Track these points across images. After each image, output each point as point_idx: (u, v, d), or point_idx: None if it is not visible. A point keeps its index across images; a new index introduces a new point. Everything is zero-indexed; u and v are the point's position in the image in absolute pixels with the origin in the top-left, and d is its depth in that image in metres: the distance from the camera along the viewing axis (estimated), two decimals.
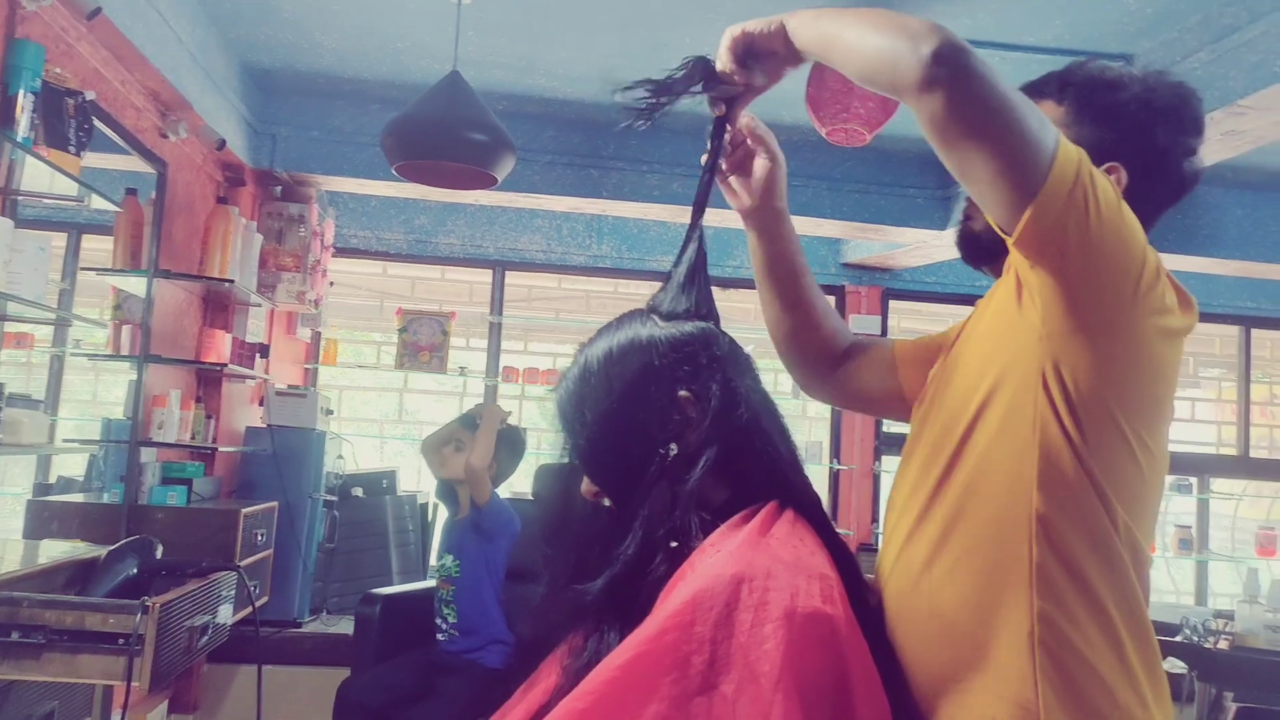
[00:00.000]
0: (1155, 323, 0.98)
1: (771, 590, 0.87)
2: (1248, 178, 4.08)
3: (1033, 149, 0.93)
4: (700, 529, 0.99)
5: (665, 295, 1.11)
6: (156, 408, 3.15)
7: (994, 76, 0.93)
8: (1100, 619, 0.96)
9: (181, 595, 1.97)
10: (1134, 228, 0.98)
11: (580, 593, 1.03)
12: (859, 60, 1.01)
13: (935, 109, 0.93)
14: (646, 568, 1.00)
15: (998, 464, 0.99)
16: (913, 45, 0.93)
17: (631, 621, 0.93)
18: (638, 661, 0.84)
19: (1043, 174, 0.92)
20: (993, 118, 0.92)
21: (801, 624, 0.85)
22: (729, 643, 0.84)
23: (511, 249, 4.76)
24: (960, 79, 0.92)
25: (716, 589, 0.87)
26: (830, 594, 0.90)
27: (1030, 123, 0.93)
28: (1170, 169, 1.13)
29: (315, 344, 4.66)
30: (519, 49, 3.33)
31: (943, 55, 0.92)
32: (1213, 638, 2.80)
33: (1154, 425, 1.01)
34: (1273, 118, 2.75)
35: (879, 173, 4.14)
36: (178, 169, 3.30)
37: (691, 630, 0.85)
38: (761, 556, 0.91)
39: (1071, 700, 0.94)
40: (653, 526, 1.00)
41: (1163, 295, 0.99)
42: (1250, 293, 5.06)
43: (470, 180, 2.98)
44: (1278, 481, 5.45)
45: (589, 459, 1.08)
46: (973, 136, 0.94)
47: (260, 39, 3.37)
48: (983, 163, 0.94)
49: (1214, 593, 5.04)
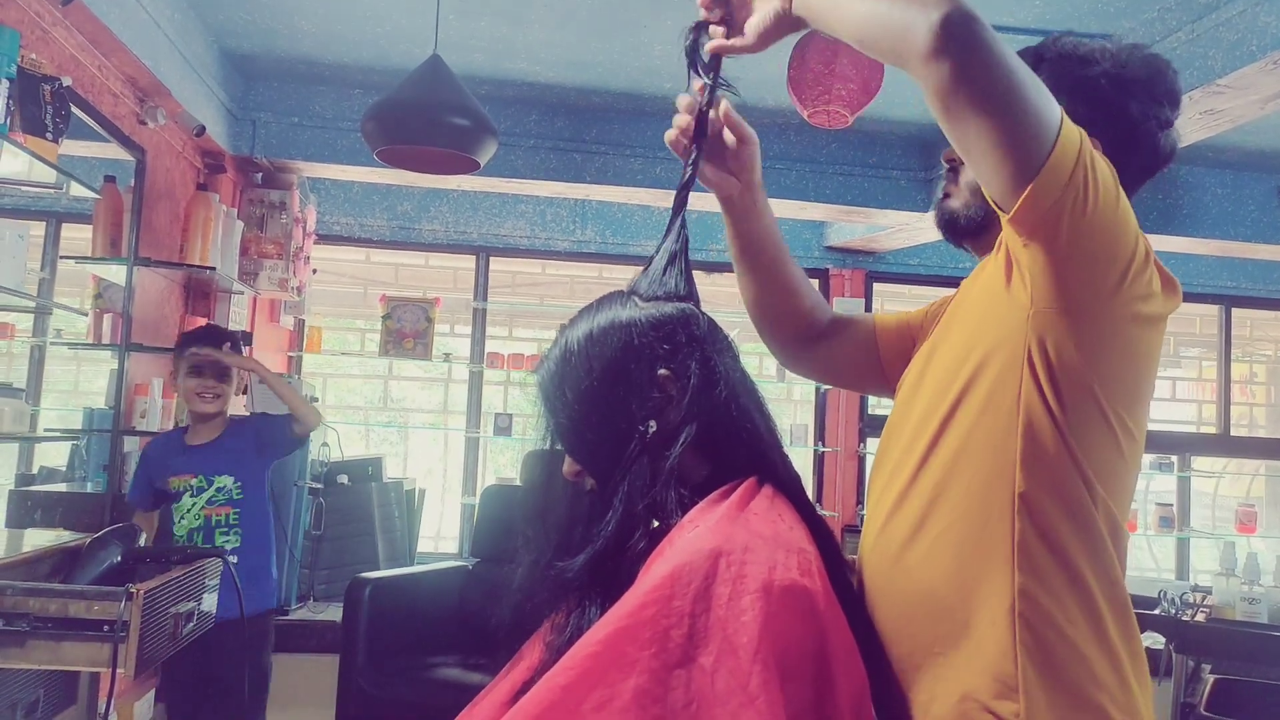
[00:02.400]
0: (1140, 308, 0.99)
1: (749, 564, 0.88)
2: (1227, 157, 4.11)
3: (1037, 127, 0.92)
4: (680, 505, 1.00)
5: (645, 278, 1.12)
6: (139, 396, 3.14)
7: (1003, 49, 0.91)
8: (1080, 594, 0.97)
9: (166, 582, 1.97)
10: (1127, 214, 0.98)
11: (562, 569, 1.04)
12: (859, 23, 0.99)
13: (942, 78, 0.92)
14: (627, 543, 1.01)
15: (982, 440, 1.00)
16: (924, 12, 0.91)
17: (613, 597, 0.94)
18: (618, 636, 0.85)
19: (1045, 154, 0.91)
20: (999, 91, 0.91)
21: (779, 596, 0.86)
22: (707, 616, 0.85)
23: (495, 234, 4.75)
24: (970, 49, 0.90)
25: (695, 563, 0.88)
26: (808, 567, 0.91)
27: (1037, 100, 0.92)
28: (1145, 141, 1.13)
29: (299, 331, 4.64)
30: (500, 33, 3.32)
31: (952, 22, 0.90)
32: (1190, 610, 2.84)
33: (1134, 406, 1.02)
34: (1251, 97, 2.76)
35: (862, 155, 4.15)
36: (157, 155, 3.28)
37: (670, 604, 0.86)
38: (740, 531, 0.92)
39: (1051, 673, 0.95)
40: (633, 502, 1.01)
41: (1149, 281, 0.99)
42: (1230, 272, 5.10)
43: (452, 165, 2.97)
44: (1257, 459, 5.51)
45: (570, 437, 1.09)
46: (977, 109, 0.92)
47: (239, 24, 3.34)
48: (985, 136, 0.93)
49: (1195, 569, 5.09)
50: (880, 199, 4.13)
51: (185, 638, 2.10)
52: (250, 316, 4.05)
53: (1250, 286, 5.15)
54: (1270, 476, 5.62)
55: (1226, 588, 2.84)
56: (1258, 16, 2.53)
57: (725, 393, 1.05)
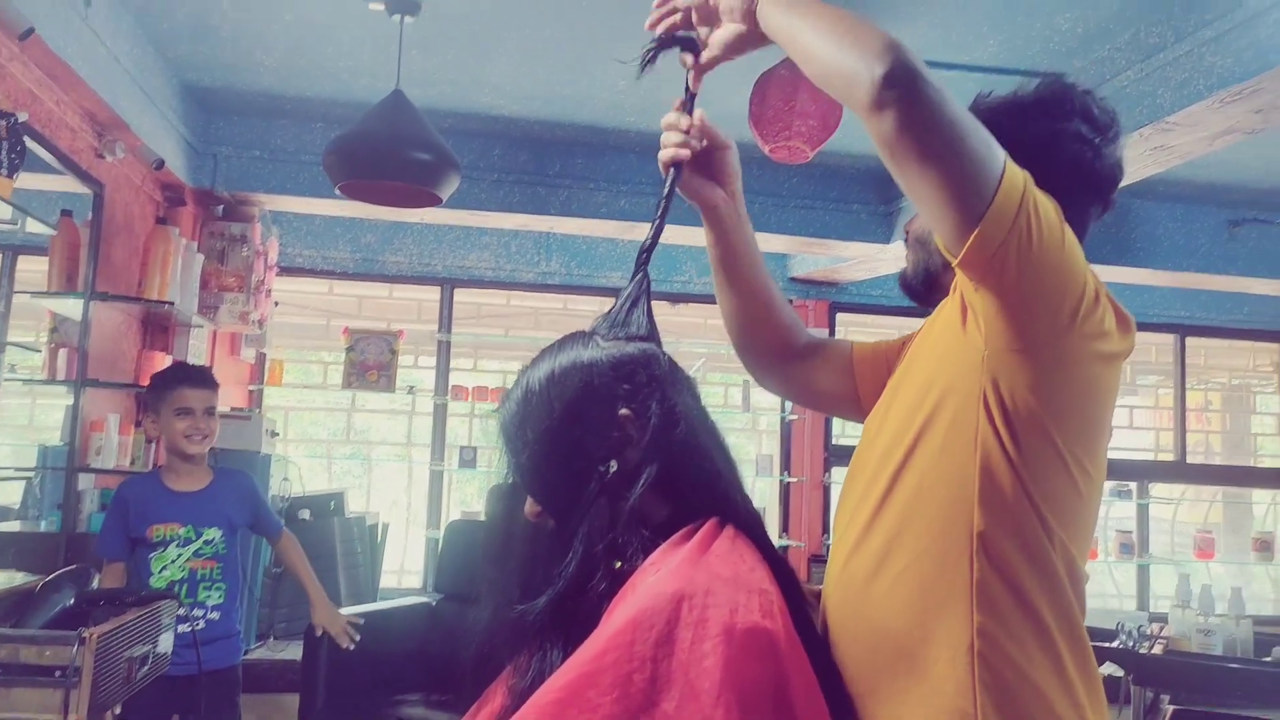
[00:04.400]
0: (1093, 347, 1.00)
1: (711, 607, 0.88)
2: (1179, 191, 4.21)
3: (978, 174, 0.94)
4: (641, 547, 1.00)
5: (607, 319, 1.12)
6: (94, 432, 3.09)
7: (945, 101, 0.93)
8: (1038, 632, 0.98)
9: (120, 625, 1.93)
10: (1074, 252, 0.99)
11: (524, 611, 1.03)
12: (815, 66, 1.01)
13: (885, 130, 0.94)
14: (588, 584, 1.01)
15: (940, 481, 1.01)
16: (867, 65, 0.93)
17: (575, 640, 0.94)
18: (580, 682, 0.85)
19: (987, 200, 0.93)
20: (941, 142, 0.93)
21: (741, 639, 0.86)
22: (669, 661, 0.85)
23: (460, 266, 4.74)
24: (910, 103, 0.93)
25: (657, 607, 0.87)
26: (770, 609, 0.91)
27: (978, 149, 0.94)
28: (1062, 161, 1.13)
29: (260, 365, 4.59)
30: (463, 67, 3.33)
31: (894, 78, 0.92)
32: (1147, 642, 2.87)
33: (1091, 446, 1.03)
34: (1199, 134, 2.83)
35: (824, 189, 4.20)
36: (115, 189, 3.25)
37: (632, 649, 0.85)
38: (701, 574, 0.91)
39: (1010, 712, 0.96)
40: (593, 543, 1.01)
41: (1102, 319, 1.01)
42: (1184, 302, 5.20)
43: (415, 199, 2.97)
44: (1214, 486, 5.59)
45: (531, 477, 1.09)
46: (921, 159, 0.95)
47: (200, 58, 3.33)
48: (930, 185, 0.95)
49: (1155, 595, 5.15)
50: (841, 231, 4.18)
51: (139, 682, 2.05)
52: (210, 350, 4.00)
53: (1204, 316, 5.26)
54: (1227, 503, 5.71)
55: (1182, 619, 2.88)
56: (1204, 57, 2.60)
57: (686, 432, 1.05)
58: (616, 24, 2.88)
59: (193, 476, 2.76)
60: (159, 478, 2.76)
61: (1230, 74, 2.51)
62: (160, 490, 2.72)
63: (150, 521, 2.66)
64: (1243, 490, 5.61)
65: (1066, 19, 2.77)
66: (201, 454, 2.76)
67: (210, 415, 2.75)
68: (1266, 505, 5.61)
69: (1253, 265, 4.39)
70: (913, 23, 2.82)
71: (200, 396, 2.72)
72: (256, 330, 4.09)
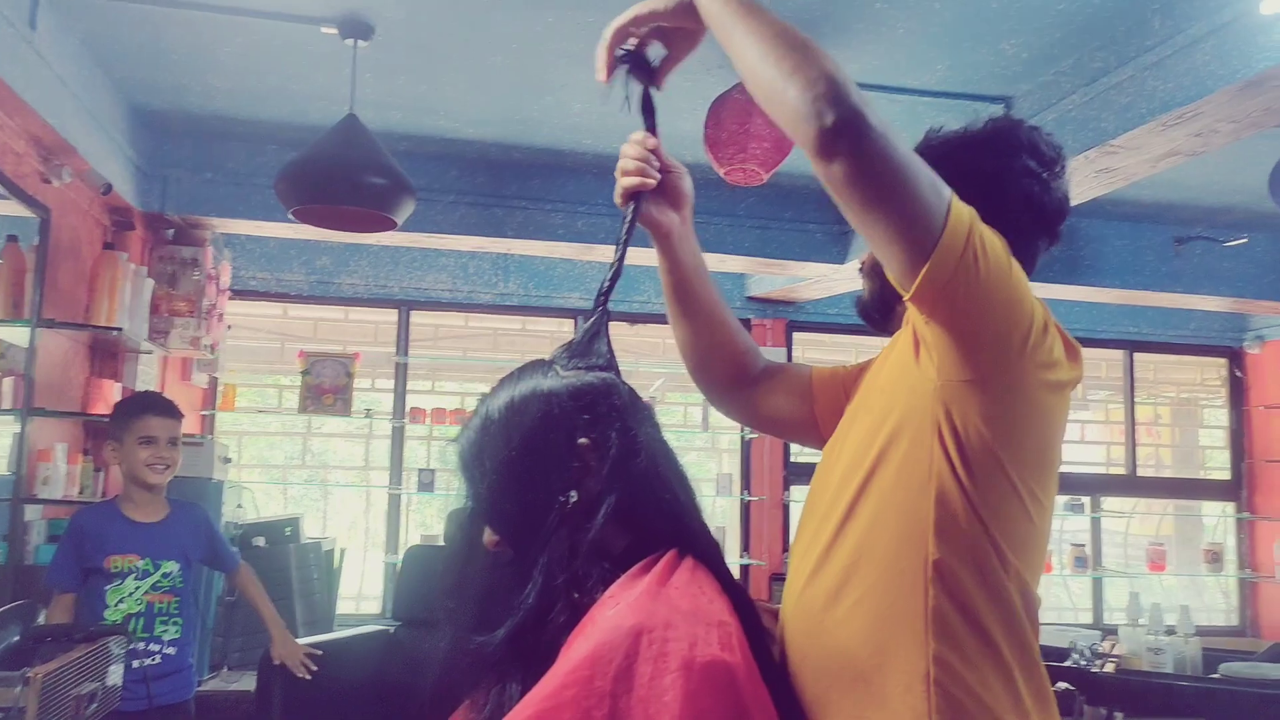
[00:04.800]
0: (1043, 376, 1.02)
1: (670, 641, 0.87)
2: (1125, 210, 4.30)
3: (926, 213, 0.95)
4: (601, 579, 1.00)
5: (566, 349, 1.12)
6: (41, 462, 3.02)
7: (892, 144, 0.94)
8: (993, 659, 1.00)
9: (67, 663, 1.88)
10: (1020, 284, 1.01)
11: (482, 645, 1.02)
12: (754, 86, 1.00)
13: (834, 177, 0.95)
14: (547, 616, 1.00)
15: (895, 512, 1.02)
16: (812, 108, 0.92)
17: (533, 673, 0.93)
18: (539, 718, 0.84)
19: (935, 237, 0.95)
20: (889, 186, 0.94)
21: (700, 673, 0.86)
22: (629, 696, 0.84)
23: (417, 288, 4.71)
24: (859, 154, 0.92)
25: (615, 642, 0.87)
26: (729, 641, 0.91)
27: (924, 187, 0.95)
28: (1012, 196, 1.15)
29: (212, 390, 4.52)
30: (418, 90, 3.32)
31: (842, 127, 0.91)
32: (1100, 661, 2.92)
33: (1042, 475, 1.05)
34: (1142, 156, 2.90)
35: (779, 209, 4.23)
36: (62, 214, 3.19)
37: (591, 685, 0.85)
38: (661, 607, 0.91)
39: None
40: (552, 574, 1.00)
41: (1050, 349, 1.03)
42: (1132, 318, 5.31)
43: (369, 223, 2.95)
44: (1165, 499, 5.69)
45: (490, 508, 1.08)
46: (869, 203, 0.96)
47: (149, 81, 3.29)
48: (878, 226, 0.97)
49: (1109, 607, 5.23)
50: (797, 252, 4.22)
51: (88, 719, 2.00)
52: (160, 376, 3.93)
53: (1151, 332, 5.37)
54: (1178, 515, 5.82)
55: (1133, 636, 2.94)
56: (1145, 81, 2.67)
57: (646, 462, 1.05)
58: (571, 47, 2.89)
59: (151, 507, 2.72)
60: (116, 507, 2.72)
61: (1171, 98, 2.58)
62: (119, 519, 2.68)
63: (108, 552, 2.61)
64: (1193, 502, 5.72)
65: (1012, 44, 2.83)
66: (162, 485, 2.73)
67: (174, 445, 2.73)
68: (1216, 517, 5.73)
69: (1198, 282, 4.50)
70: (862, 47, 2.86)
71: (165, 426, 2.70)
72: (208, 355, 4.03)
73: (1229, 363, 5.54)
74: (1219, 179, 3.86)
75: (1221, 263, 4.50)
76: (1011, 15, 2.65)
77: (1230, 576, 5.35)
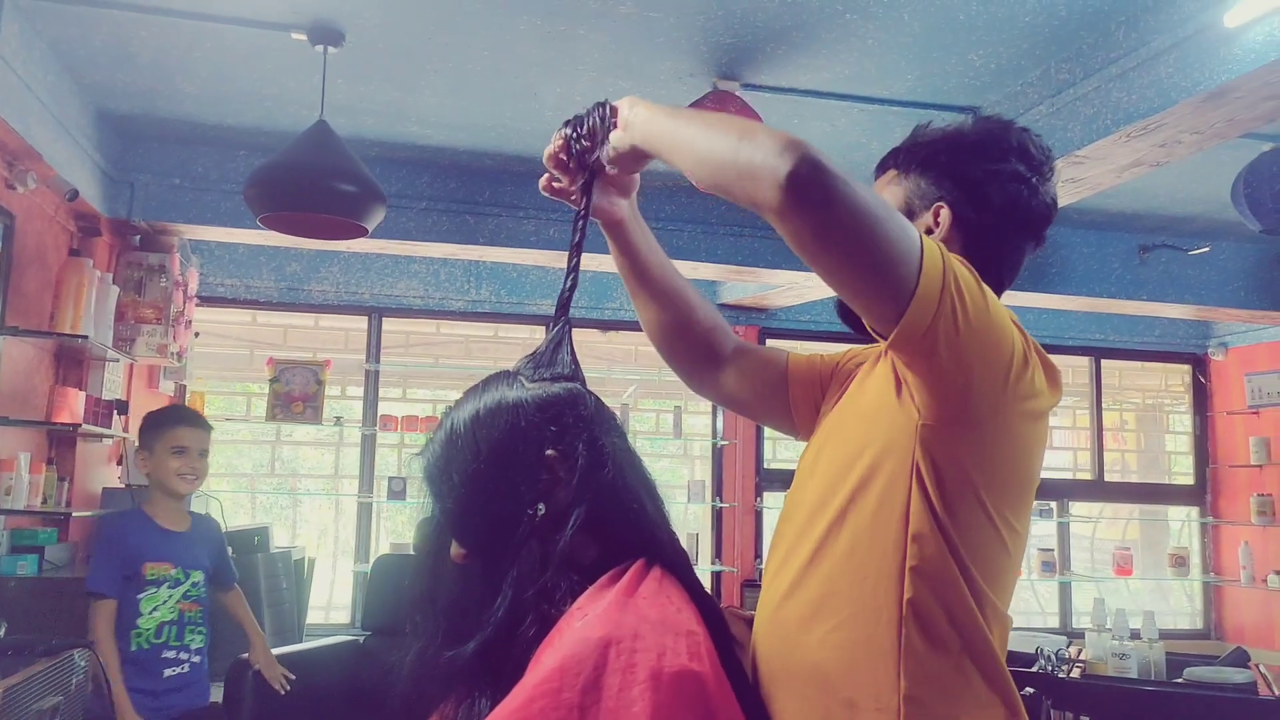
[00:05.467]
0: (1024, 407, 1.02)
1: (639, 652, 0.87)
2: (1091, 219, 4.35)
3: (898, 264, 0.91)
4: (569, 591, 1.00)
5: (531, 360, 1.11)
6: (4, 472, 2.97)
7: (854, 194, 0.90)
8: (966, 688, 1.01)
9: (29, 678, 1.85)
10: (1000, 318, 0.99)
11: (452, 658, 1.01)
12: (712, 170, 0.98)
13: (794, 234, 0.91)
14: (517, 629, 1.00)
15: (871, 548, 1.02)
16: (766, 160, 0.89)
17: (502, 687, 0.93)
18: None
19: (910, 287, 0.92)
20: (855, 237, 0.90)
21: (668, 684, 0.86)
22: (597, 708, 0.84)
23: (388, 295, 4.69)
24: (820, 205, 0.88)
25: (584, 654, 0.87)
26: (697, 650, 0.91)
27: (893, 237, 0.91)
28: (997, 197, 1.15)
29: (180, 397, 4.46)
30: (389, 97, 3.31)
31: (800, 178, 0.88)
32: (1066, 667, 2.95)
33: (1018, 504, 1.05)
34: (1107, 166, 2.94)
35: (751, 217, 4.19)
36: (26, 220, 3.15)
37: (560, 697, 0.85)
38: (629, 617, 0.91)
39: None
40: (522, 587, 1.00)
41: (1033, 379, 1.02)
42: (1098, 325, 5.38)
43: (339, 231, 2.94)
44: (1131, 504, 5.76)
45: (457, 522, 1.07)
46: (836, 259, 0.92)
47: (117, 85, 3.25)
48: (849, 281, 0.94)
49: (1077, 611, 5.28)
50: (769, 259, 4.23)
51: None
52: (126, 384, 3.89)
53: (1117, 339, 5.44)
54: (1144, 520, 5.89)
55: (1098, 641, 2.97)
56: (1110, 93, 2.71)
57: (613, 473, 1.05)
58: (543, 55, 2.89)
59: (178, 516, 2.83)
60: (146, 514, 2.80)
61: (1135, 110, 2.61)
62: (152, 527, 2.77)
63: (146, 558, 2.68)
64: (1159, 507, 5.80)
65: (979, 55, 2.86)
66: (188, 494, 2.84)
67: (203, 457, 2.86)
68: (1181, 522, 5.80)
69: (1162, 290, 4.56)
70: (832, 57, 2.88)
71: (196, 437, 2.83)
72: (175, 363, 3.98)
73: (1193, 369, 5.62)
74: (1183, 189, 3.92)
75: (1185, 271, 4.56)
76: (979, 27, 2.68)
77: (1195, 580, 5.42)
